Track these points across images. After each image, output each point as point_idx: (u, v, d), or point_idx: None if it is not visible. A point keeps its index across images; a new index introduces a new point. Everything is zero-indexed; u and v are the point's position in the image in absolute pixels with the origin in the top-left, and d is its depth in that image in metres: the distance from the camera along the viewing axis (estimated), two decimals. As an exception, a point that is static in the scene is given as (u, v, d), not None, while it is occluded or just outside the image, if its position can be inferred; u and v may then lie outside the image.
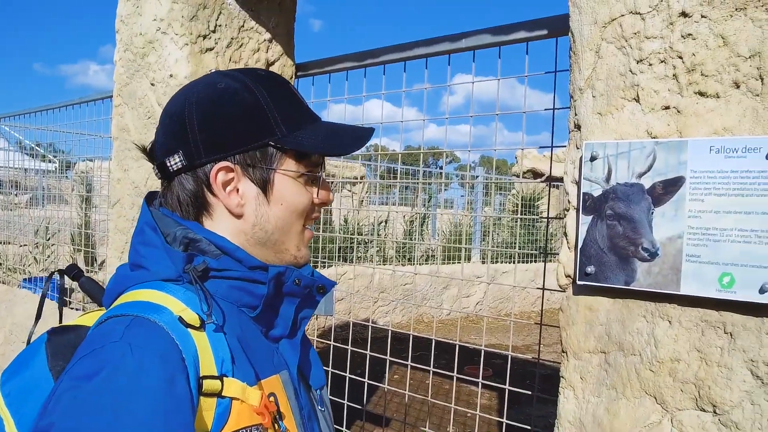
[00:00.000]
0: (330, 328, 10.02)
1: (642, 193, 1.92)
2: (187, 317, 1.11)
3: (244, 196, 1.29)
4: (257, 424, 1.11)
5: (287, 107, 1.32)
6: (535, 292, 13.75)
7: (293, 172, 1.30)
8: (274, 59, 3.74)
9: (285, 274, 1.29)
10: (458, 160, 43.78)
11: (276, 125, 1.28)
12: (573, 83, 2.11)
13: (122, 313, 1.10)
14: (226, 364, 1.12)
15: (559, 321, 2.18)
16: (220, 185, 1.28)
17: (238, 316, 1.25)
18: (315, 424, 1.37)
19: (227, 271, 1.25)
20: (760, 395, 1.74)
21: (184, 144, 1.28)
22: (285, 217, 1.32)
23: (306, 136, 1.31)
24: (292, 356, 1.34)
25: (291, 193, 1.31)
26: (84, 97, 5.75)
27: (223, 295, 1.25)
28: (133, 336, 1.03)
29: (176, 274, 1.21)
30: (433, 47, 3.07)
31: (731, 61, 1.78)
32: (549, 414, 6.64)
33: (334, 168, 14.16)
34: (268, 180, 1.29)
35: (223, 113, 1.27)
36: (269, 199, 1.30)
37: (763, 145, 1.71)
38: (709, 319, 1.84)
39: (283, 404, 1.23)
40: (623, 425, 1.98)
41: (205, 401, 1.06)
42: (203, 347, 1.10)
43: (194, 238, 1.26)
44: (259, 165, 1.28)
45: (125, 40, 3.90)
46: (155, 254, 1.24)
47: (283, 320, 1.33)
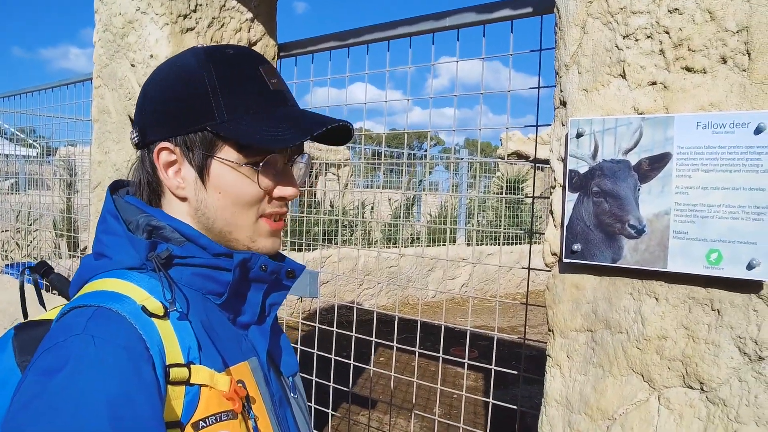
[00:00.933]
0: (315, 311, 10.03)
1: (628, 170, 1.91)
2: (151, 306, 1.09)
3: (185, 179, 1.26)
4: (228, 410, 1.10)
5: (240, 90, 1.25)
6: (520, 273, 13.81)
7: (232, 162, 1.23)
8: (256, 39, 3.70)
9: (251, 260, 1.26)
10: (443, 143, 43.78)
11: (217, 110, 1.21)
12: (558, 59, 2.10)
13: (84, 304, 1.08)
14: (192, 351, 1.10)
15: (545, 299, 2.17)
16: (162, 165, 1.25)
17: (204, 304, 1.23)
18: (287, 410, 1.35)
19: (191, 258, 1.22)
20: (748, 372, 1.74)
21: (140, 119, 1.28)
22: (225, 207, 1.26)
23: (251, 124, 1.22)
24: (262, 343, 1.31)
25: (230, 183, 1.24)
26: (64, 80, 5.68)
27: (187, 282, 1.22)
28: (96, 327, 1.01)
29: (139, 263, 1.18)
30: (417, 26, 3.05)
31: (718, 35, 1.76)
32: (535, 394, 6.67)
33: (317, 151, 14.13)
34: (205, 166, 1.24)
35: (170, 91, 1.25)
36: (206, 186, 1.25)
37: (752, 121, 1.70)
38: (697, 296, 1.83)
39: (253, 391, 1.21)
40: (610, 403, 1.98)
41: (173, 390, 1.04)
42: (168, 336, 1.08)
43: (158, 226, 1.24)
44: (197, 149, 1.23)
45: (104, 21, 3.85)
46: (118, 243, 1.22)
47: (250, 307, 1.30)
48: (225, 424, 1.08)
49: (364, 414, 5.88)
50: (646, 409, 1.92)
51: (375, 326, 3.69)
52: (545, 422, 2.15)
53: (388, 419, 5.87)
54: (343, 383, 3.89)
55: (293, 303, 9.70)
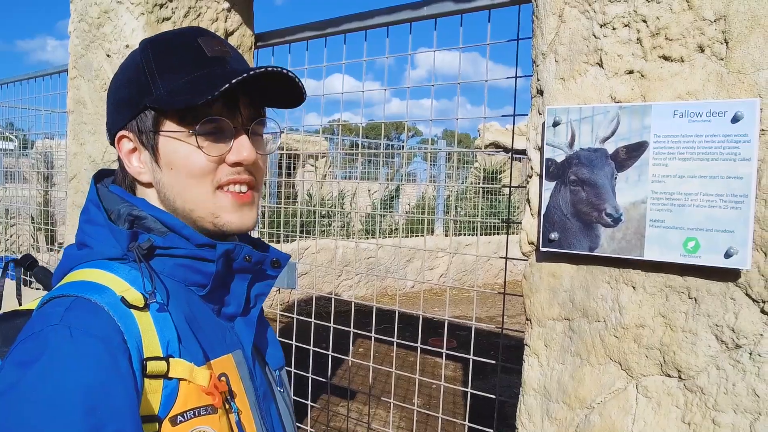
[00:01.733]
0: (293, 302, 10.01)
1: (605, 158, 1.91)
2: (130, 297, 1.08)
3: (144, 163, 1.25)
4: (207, 404, 1.08)
5: (174, 64, 1.22)
6: (497, 264, 13.85)
7: (175, 133, 1.21)
8: (233, 29, 3.68)
9: (234, 251, 1.24)
10: (420, 134, 43.81)
11: (154, 85, 1.20)
12: (536, 48, 2.09)
13: (63, 294, 1.07)
14: (172, 344, 1.09)
15: (523, 289, 2.17)
16: (125, 154, 1.26)
17: (186, 295, 1.21)
18: (272, 404, 1.33)
19: (173, 249, 1.20)
20: (726, 360, 1.75)
21: (107, 116, 1.30)
22: (179, 182, 1.22)
23: (182, 92, 1.18)
24: (247, 335, 1.29)
25: (178, 155, 1.21)
26: (39, 71, 5.62)
27: (169, 273, 1.20)
28: (73, 318, 1.00)
29: (121, 253, 1.17)
30: (395, 15, 3.03)
31: (696, 24, 1.77)
32: (513, 384, 6.67)
33: (296, 143, 14.10)
34: (154, 144, 1.22)
35: (118, 83, 1.27)
36: (159, 165, 1.23)
37: (729, 109, 1.70)
38: (674, 285, 1.84)
39: (236, 384, 1.19)
40: (588, 392, 1.98)
41: (151, 383, 1.03)
42: (147, 328, 1.07)
43: (139, 215, 1.22)
44: (145, 129, 1.23)
45: (80, 11, 3.81)
46: (99, 232, 1.20)
47: (235, 298, 1.29)
48: (204, 419, 1.07)
49: (344, 405, 5.88)
50: (624, 397, 1.92)
51: (353, 317, 3.69)
52: (523, 411, 2.16)
53: (367, 410, 5.88)
54: (322, 374, 3.88)
55: (272, 294, 9.66)
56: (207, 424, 1.07)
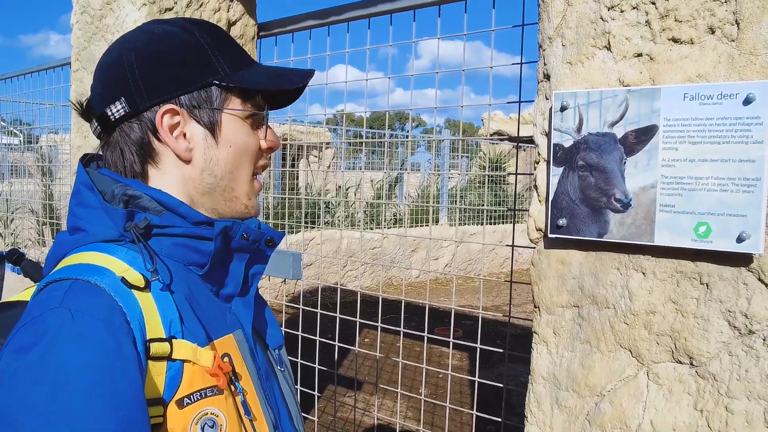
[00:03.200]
0: (299, 293, 10.01)
1: (614, 143, 1.88)
2: (131, 278, 1.06)
3: (192, 139, 1.24)
4: (212, 385, 1.07)
5: (227, 48, 1.29)
6: (503, 253, 13.84)
7: (240, 111, 1.26)
8: (236, 19, 3.65)
9: (232, 228, 1.24)
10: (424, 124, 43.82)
11: (218, 64, 1.25)
12: (542, 32, 2.07)
13: (61, 277, 1.05)
14: (174, 325, 1.08)
15: (530, 276, 2.15)
16: (167, 129, 1.22)
17: (186, 275, 1.20)
18: (274, 383, 1.33)
19: (171, 227, 1.19)
20: (738, 346, 1.73)
21: (126, 90, 1.22)
22: (234, 160, 1.27)
23: (250, 75, 1.28)
24: (246, 314, 1.29)
25: (239, 134, 1.27)
26: (43, 65, 5.60)
27: (167, 253, 1.19)
28: (73, 300, 0.98)
29: (117, 234, 1.15)
30: (398, 3, 3.01)
31: (706, 5, 1.74)
32: (520, 372, 6.66)
33: (299, 134, 14.09)
34: (216, 121, 1.24)
35: (164, 55, 1.23)
36: (218, 141, 1.25)
37: (740, 91, 1.67)
38: (685, 270, 1.81)
39: (239, 364, 1.18)
40: (598, 379, 1.96)
41: (155, 365, 1.01)
42: (149, 309, 1.05)
43: (134, 195, 1.20)
44: (205, 106, 1.24)
45: (82, 2, 3.79)
46: (93, 215, 1.18)
47: (233, 278, 1.28)
48: (210, 400, 1.06)
49: (351, 395, 5.88)
50: (635, 384, 1.90)
51: (359, 307, 3.67)
52: (532, 399, 2.14)
53: (374, 400, 5.87)
54: (328, 365, 3.87)
55: (277, 286, 9.68)
56: (214, 405, 1.06)
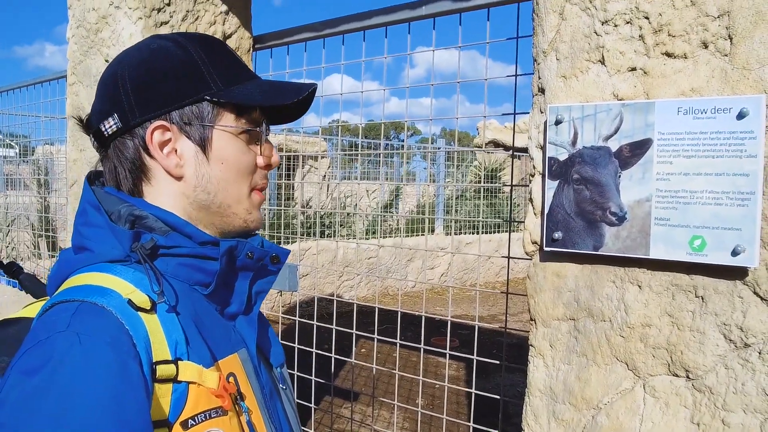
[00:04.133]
0: (295, 304, 10.00)
1: (609, 156, 1.89)
2: (137, 299, 1.06)
3: (182, 156, 1.23)
4: (216, 407, 1.07)
5: (223, 63, 1.27)
6: (498, 262, 13.84)
7: (233, 128, 1.25)
8: (231, 32, 3.66)
9: (237, 248, 1.24)
10: (419, 133, 43.90)
11: (211, 79, 1.23)
12: (536, 46, 2.08)
13: (67, 299, 1.04)
14: (180, 346, 1.08)
15: (527, 288, 2.16)
16: (157, 146, 1.22)
17: (191, 294, 1.20)
18: (277, 402, 1.33)
19: (177, 248, 1.19)
20: (734, 359, 1.73)
21: (119, 106, 1.22)
22: (227, 177, 1.26)
23: (244, 90, 1.26)
24: (250, 333, 1.29)
25: (232, 151, 1.25)
26: (38, 78, 5.61)
27: (173, 273, 1.19)
28: (80, 323, 0.98)
29: (123, 254, 1.15)
30: (393, 15, 3.02)
31: (699, 20, 1.75)
32: (517, 382, 6.65)
33: (296, 144, 14.10)
34: (207, 137, 1.23)
35: (155, 70, 1.22)
36: (209, 158, 1.24)
37: (734, 106, 1.68)
38: (680, 283, 1.82)
39: (243, 383, 1.19)
40: (595, 392, 1.97)
41: (160, 387, 1.01)
42: (155, 331, 1.05)
43: (140, 215, 1.20)
44: (196, 122, 1.22)
45: (78, 16, 3.79)
46: (100, 234, 1.18)
47: (238, 296, 1.29)
48: (215, 421, 1.06)
49: (347, 407, 5.87)
50: (632, 397, 1.91)
51: (355, 318, 3.67)
52: (529, 412, 2.14)
53: (371, 411, 5.86)
54: (324, 377, 3.87)
55: (273, 296, 9.67)
56: (218, 426, 1.06)
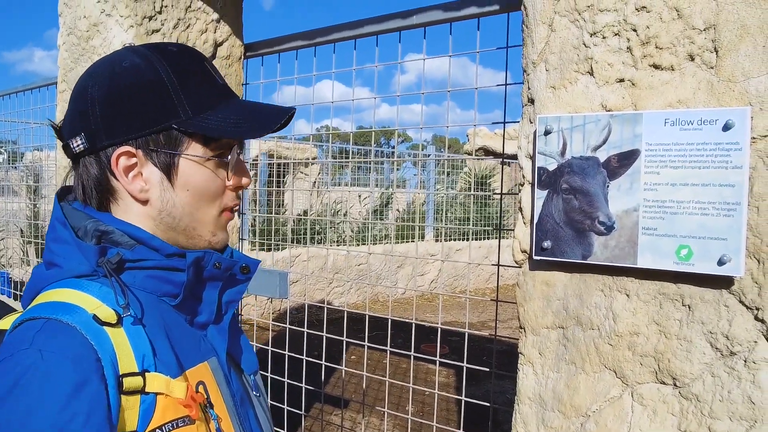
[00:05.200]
0: (285, 310, 9.99)
1: (597, 167, 1.91)
2: (102, 314, 1.07)
3: (148, 181, 1.23)
4: (184, 416, 1.08)
5: (196, 86, 1.25)
6: (488, 269, 13.87)
7: (199, 157, 1.24)
8: (222, 40, 3.68)
9: (204, 258, 1.25)
10: (410, 140, 43.92)
11: (180, 106, 1.21)
12: (526, 57, 2.10)
13: (34, 316, 1.06)
14: (147, 358, 1.09)
15: (516, 297, 2.18)
16: (122, 171, 1.21)
17: (159, 306, 1.21)
18: (249, 408, 1.34)
19: (143, 261, 1.20)
20: (720, 367, 1.75)
21: (87, 125, 1.21)
22: (193, 203, 1.26)
23: (214, 118, 1.23)
24: (220, 342, 1.30)
25: (197, 178, 1.25)
26: (28, 84, 5.60)
27: (140, 285, 1.20)
28: (43, 340, 1.00)
29: (90, 269, 1.15)
30: (384, 24, 3.04)
31: (686, 33, 1.77)
32: (506, 389, 6.65)
33: (285, 150, 14.09)
34: (172, 165, 1.22)
35: (124, 94, 1.20)
36: (174, 185, 1.24)
37: (720, 117, 1.71)
38: (667, 292, 1.84)
39: (213, 391, 1.20)
40: (583, 400, 1.99)
41: (128, 400, 1.03)
42: (121, 344, 1.07)
43: (106, 230, 1.20)
44: (162, 149, 1.21)
45: (69, 24, 3.80)
46: (67, 250, 1.19)
47: (207, 306, 1.29)
48: (182, 430, 1.07)
49: (337, 414, 5.87)
50: (620, 405, 1.92)
51: (346, 325, 3.68)
52: (519, 420, 2.16)
53: (361, 419, 5.87)
54: (314, 383, 3.88)
55: (263, 303, 9.66)
56: None
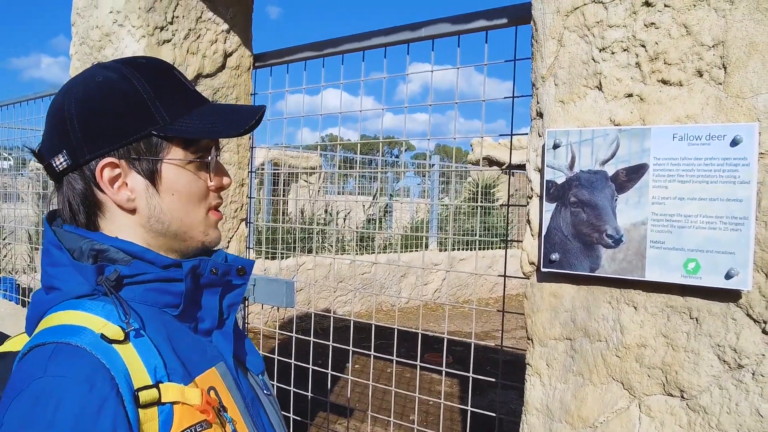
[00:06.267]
0: (291, 319, 9.99)
1: (605, 180, 1.93)
2: (109, 333, 1.09)
3: (133, 190, 1.25)
4: (201, 420, 1.10)
5: (169, 93, 1.28)
6: (491, 278, 13.83)
7: (180, 160, 1.27)
8: (232, 50, 3.70)
9: (200, 266, 1.27)
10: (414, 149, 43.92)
11: (158, 113, 1.24)
12: (535, 72, 2.12)
13: (43, 342, 1.07)
14: (159, 370, 1.11)
15: (524, 308, 2.19)
16: (107, 182, 1.23)
17: (161, 318, 1.23)
18: (260, 409, 1.36)
19: (141, 275, 1.22)
20: (728, 380, 1.76)
21: (67, 142, 1.24)
22: (180, 206, 1.29)
23: (191, 122, 1.27)
24: (226, 346, 1.32)
25: (181, 181, 1.28)
26: (38, 93, 5.61)
27: (140, 299, 1.21)
28: (55, 367, 1.02)
29: (90, 289, 1.17)
30: (393, 36, 3.06)
31: (694, 50, 1.79)
32: (511, 399, 6.63)
33: (291, 159, 14.10)
34: (156, 171, 1.26)
35: (101, 107, 1.23)
36: (159, 190, 1.27)
37: (728, 133, 1.73)
38: (675, 305, 1.86)
39: (224, 396, 1.22)
40: (591, 411, 2.00)
41: (146, 413, 1.05)
42: (132, 359, 1.08)
43: (101, 249, 1.23)
44: (144, 156, 1.24)
45: (81, 33, 3.82)
46: (65, 272, 1.20)
47: (208, 312, 1.31)
48: None
49: (342, 423, 5.87)
50: (627, 416, 1.94)
51: (352, 334, 3.69)
52: (526, 430, 2.17)
53: (365, 427, 5.87)
54: (320, 392, 3.88)
55: (269, 312, 9.67)
56: None
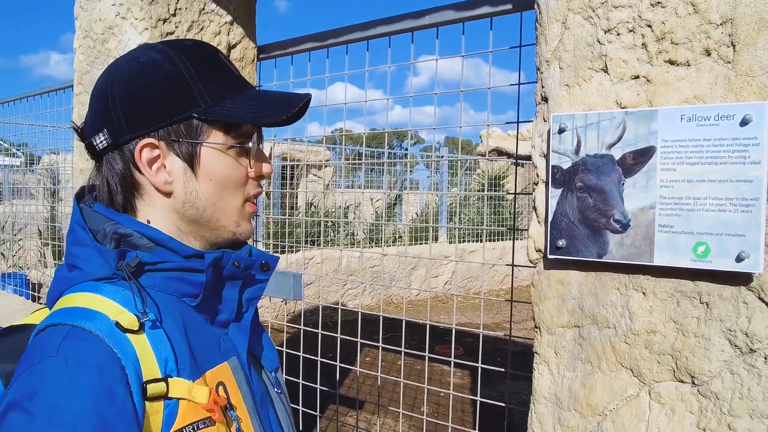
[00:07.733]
0: (300, 312, 10.00)
1: (612, 164, 1.90)
2: (124, 321, 1.07)
3: (171, 172, 1.24)
4: (204, 417, 1.09)
5: (213, 77, 1.27)
6: (502, 270, 13.82)
7: (221, 145, 1.25)
8: (236, 42, 3.68)
9: (222, 258, 1.25)
10: (422, 141, 43.97)
11: (200, 96, 1.23)
12: (539, 56, 2.09)
13: (59, 322, 1.07)
14: (169, 363, 1.10)
15: (531, 296, 2.17)
16: (146, 163, 1.22)
17: (179, 307, 1.21)
18: (269, 407, 1.34)
19: (162, 263, 1.21)
20: (740, 365, 1.73)
21: (108, 121, 1.23)
22: (216, 192, 1.27)
23: (233, 106, 1.25)
24: (241, 340, 1.30)
25: (220, 167, 1.26)
26: (45, 88, 5.63)
27: (160, 287, 1.21)
28: (68, 349, 1.01)
29: (110, 273, 1.16)
30: (396, 25, 3.03)
31: (702, 28, 1.76)
32: (521, 390, 6.63)
33: (299, 153, 14.12)
34: (195, 154, 1.24)
35: (144, 87, 1.21)
36: (197, 174, 1.25)
37: (737, 112, 1.69)
38: (684, 290, 1.82)
39: (233, 392, 1.20)
40: (600, 399, 1.97)
41: (152, 405, 1.04)
42: (144, 350, 1.07)
43: (125, 233, 1.21)
44: (184, 139, 1.23)
45: (84, 27, 3.81)
46: (87, 253, 1.19)
47: (227, 305, 1.30)
48: None
49: (352, 415, 5.87)
50: (637, 403, 1.91)
51: (360, 327, 3.68)
52: (535, 420, 2.14)
53: (376, 419, 5.86)
54: (329, 385, 3.87)
55: (278, 305, 9.67)
56: None
